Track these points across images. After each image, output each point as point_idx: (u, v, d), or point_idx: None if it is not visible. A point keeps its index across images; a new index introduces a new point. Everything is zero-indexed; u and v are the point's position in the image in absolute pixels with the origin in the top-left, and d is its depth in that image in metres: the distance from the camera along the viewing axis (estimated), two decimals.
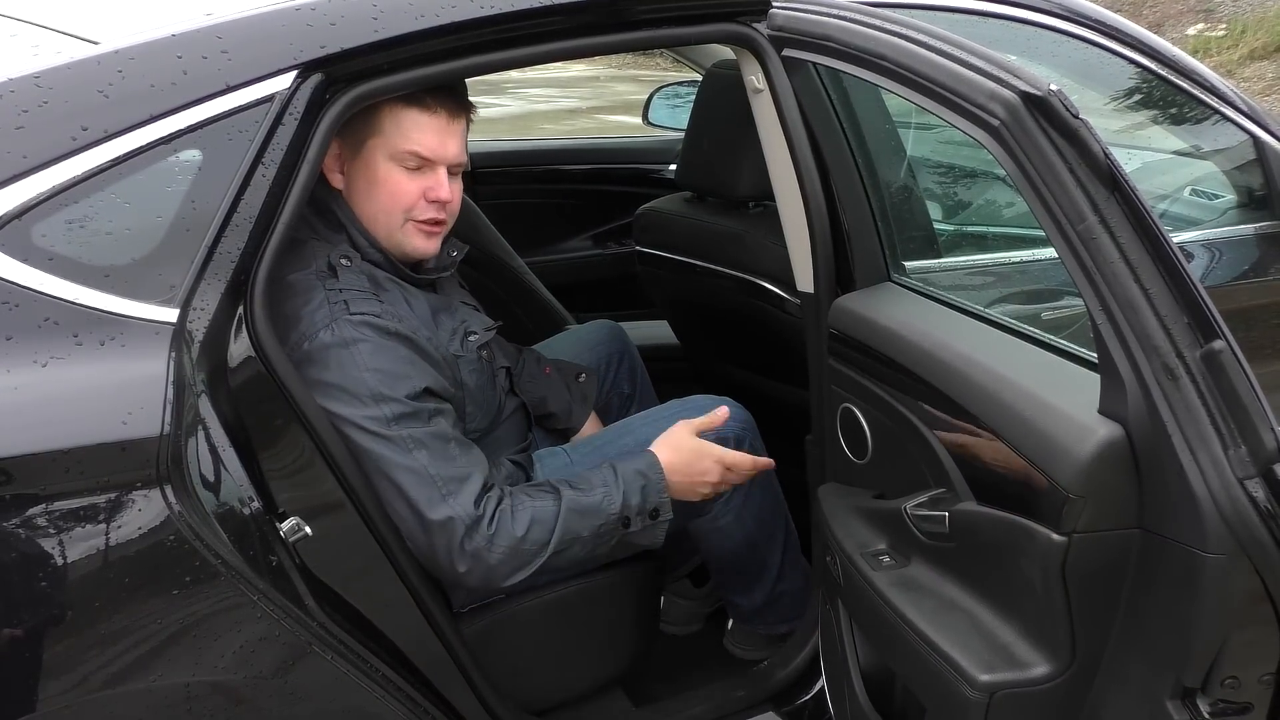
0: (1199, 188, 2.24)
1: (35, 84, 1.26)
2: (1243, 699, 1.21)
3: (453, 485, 1.52)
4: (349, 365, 1.49)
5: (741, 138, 1.93)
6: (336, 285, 1.54)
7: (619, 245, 3.21)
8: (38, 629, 1.19)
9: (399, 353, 1.54)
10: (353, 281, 1.56)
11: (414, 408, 1.52)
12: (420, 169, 1.61)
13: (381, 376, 1.50)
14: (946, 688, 1.34)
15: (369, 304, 1.54)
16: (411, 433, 1.51)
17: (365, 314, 1.52)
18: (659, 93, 3.35)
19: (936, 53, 1.24)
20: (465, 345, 1.69)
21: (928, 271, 1.73)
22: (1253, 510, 1.09)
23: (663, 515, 1.65)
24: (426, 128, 1.60)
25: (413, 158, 1.60)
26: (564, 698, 1.85)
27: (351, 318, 1.51)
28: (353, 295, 1.54)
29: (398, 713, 1.43)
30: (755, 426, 1.87)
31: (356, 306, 1.52)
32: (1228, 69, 7.37)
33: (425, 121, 1.59)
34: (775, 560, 1.94)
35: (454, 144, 1.63)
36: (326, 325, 1.50)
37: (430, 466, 1.51)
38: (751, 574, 1.93)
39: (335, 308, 1.51)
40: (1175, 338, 1.13)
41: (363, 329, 1.51)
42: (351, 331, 1.50)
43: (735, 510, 1.85)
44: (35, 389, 1.18)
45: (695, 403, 1.84)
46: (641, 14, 1.59)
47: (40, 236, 1.22)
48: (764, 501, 1.89)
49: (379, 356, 1.51)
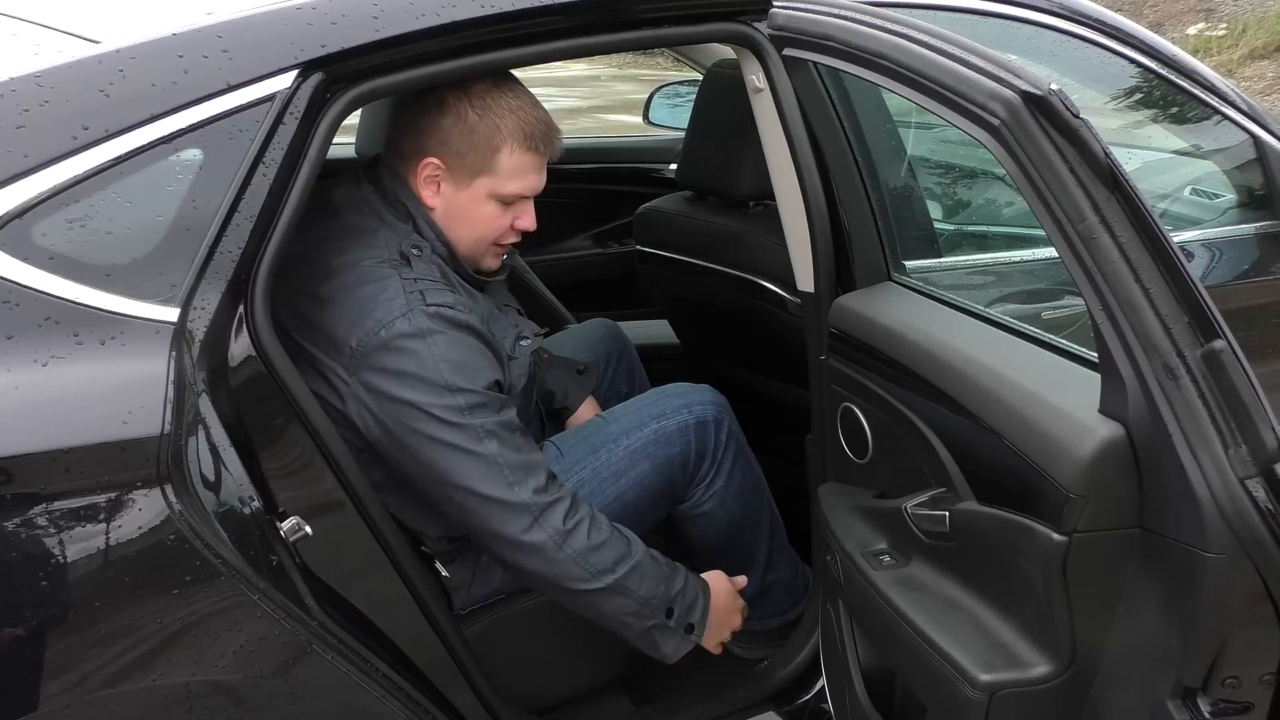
0: (1199, 187, 2.23)
1: (36, 83, 1.26)
2: (1243, 699, 1.21)
3: (519, 474, 1.55)
4: (425, 356, 1.51)
5: (742, 137, 1.93)
6: (412, 275, 1.56)
7: (619, 244, 3.21)
8: (38, 629, 1.19)
9: (471, 345, 1.56)
10: (426, 271, 1.58)
11: (487, 398, 1.55)
12: (513, 203, 1.66)
13: (456, 367, 1.52)
14: (947, 687, 1.34)
15: (444, 295, 1.56)
16: (484, 422, 1.53)
17: (440, 305, 1.55)
18: (659, 92, 3.35)
19: (937, 52, 1.24)
20: (517, 348, 1.72)
21: (928, 271, 1.73)
22: (1253, 510, 1.09)
23: (695, 635, 1.70)
24: (533, 170, 1.65)
25: (516, 198, 1.65)
26: (564, 697, 1.85)
27: (428, 308, 1.53)
28: (428, 285, 1.56)
29: (398, 712, 1.43)
30: (731, 409, 1.90)
31: (432, 297, 1.55)
32: (1228, 69, 7.37)
33: (534, 164, 1.65)
34: (762, 549, 1.95)
35: (544, 175, 1.69)
36: (404, 314, 1.52)
37: (500, 455, 1.53)
38: (740, 563, 1.94)
39: (411, 297, 1.53)
40: (1176, 337, 1.13)
41: (437, 320, 1.53)
42: (427, 322, 1.52)
43: (717, 494, 1.87)
44: (36, 388, 1.18)
45: (673, 389, 1.89)
46: (642, 13, 1.59)
47: (41, 236, 1.22)
48: (745, 485, 1.90)
49: (455, 348, 1.53)
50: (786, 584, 2.00)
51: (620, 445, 1.80)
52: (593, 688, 1.88)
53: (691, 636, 1.70)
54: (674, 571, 1.69)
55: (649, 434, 1.81)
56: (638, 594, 1.62)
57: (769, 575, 1.97)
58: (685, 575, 1.71)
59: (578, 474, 1.78)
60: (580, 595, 1.60)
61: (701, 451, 1.84)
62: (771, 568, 1.97)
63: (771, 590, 1.98)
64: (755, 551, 1.95)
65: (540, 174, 1.67)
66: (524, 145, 1.62)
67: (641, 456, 1.80)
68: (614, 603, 1.62)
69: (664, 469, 1.82)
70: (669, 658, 1.69)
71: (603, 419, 1.88)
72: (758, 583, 1.96)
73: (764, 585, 1.97)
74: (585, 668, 1.84)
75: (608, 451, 1.80)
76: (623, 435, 1.81)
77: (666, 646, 1.69)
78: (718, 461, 1.86)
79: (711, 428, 1.84)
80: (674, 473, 1.83)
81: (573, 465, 1.79)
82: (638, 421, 1.83)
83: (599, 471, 1.79)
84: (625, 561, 1.61)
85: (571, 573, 1.58)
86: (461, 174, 1.62)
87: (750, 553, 1.95)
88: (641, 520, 1.83)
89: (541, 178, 1.68)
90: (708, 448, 1.84)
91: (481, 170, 1.62)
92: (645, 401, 1.90)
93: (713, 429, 1.84)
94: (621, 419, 1.85)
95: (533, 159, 1.64)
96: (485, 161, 1.61)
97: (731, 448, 1.87)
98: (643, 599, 1.63)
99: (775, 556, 1.97)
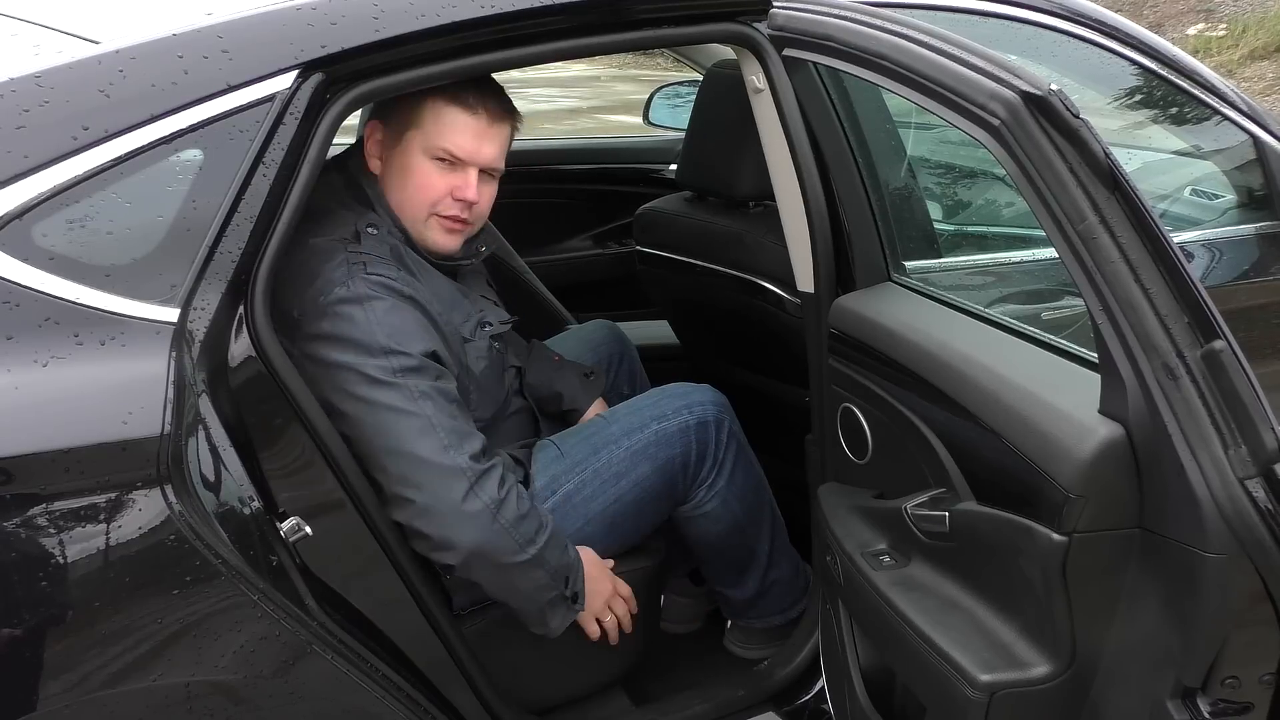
0: (1199, 188, 2.23)
1: (36, 84, 1.26)
2: (1243, 699, 1.21)
3: (454, 438, 1.54)
4: (361, 320, 1.52)
5: (742, 137, 1.93)
6: (358, 249, 1.58)
7: (619, 245, 3.21)
8: (38, 629, 1.19)
9: (411, 315, 1.57)
10: (374, 248, 1.60)
11: (422, 363, 1.56)
12: (453, 167, 1.65)
13: (392, 332, 1.53)
14: (947, 687, 1.34)
15: (386, 267, 1.58)
16: (419, 384, 1.54)
17: (381, 275, 1.56)
18: (659, 92, 3.35)
19: (937, 52, 1.24)
20: (477, 333, 1.72)
21: (928, 271, 1.73)
22: (1253, 510, 1.09)
23: (578, 604, 1.69)
24: (465, 128, 1.64)
25: (446, 154, 1.64)
26: (564, 697, 1.85)
27: (368, 276, 1.55)
28: (372, 259, 1.58)
29: (398, 713, 1.43)
30: (732, 409, 1.89)
31: (374, 268, 1.56)
32: (1228, 69, 7.37)
33: (464, 122, 1.64)
34: (764, 548, 1.95)
35: (490, 148, 1.67)
36: (343, 282, 1.53)
37: (435, 418, 1.53)
38: (742, 562, 1.94)
39: (354, 267, 1.55)
40: (1175, 337, 1.13)
41: (377, 288, 1.55)
42: (366, 289, 1.54)
43: (719, 494, 1.86)
44: (36, 389, 1.18)
45: (673, 390, 1.89)
46: (642, 14, 1.59)
47: (41, 236, 1.22)
48: (746, 484, 1.89)
49: (392, 315, 1.54)
50: (788, 583, 1.99)
51: (621, 446, 1.80)
52: (592, 688, 1.88)
53: (576, 606, 1.68)
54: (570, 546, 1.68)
55: (650, 435, 1.81)
56: (551, 564, 1.61)
57: (770, 574, 1.97)
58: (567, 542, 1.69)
59: (578, 475, 1.77)
60: (506, 570, 1.58)
61: (703, 452, 1.83)
62: (773, 566, 1.97)
63: (773, 589, 1.98)
64: (756, 551, 1.95)
65: (479, 139, 1.65)
66: (448, 99, 1.61)
67: (642, 458, 1.80)
68: (532, 575, 1.60)
69: (665, 470, 1.81)
70: (554, 631, 1.67)
71: (604, 419, 1.88)
72: (760, 581, 1.96)
73: (765, 584, 1.97)
74: (585, 668, 1.84)
75: (609, 452, 1.79)
76: (623, 436, 1.81)
77: (555, 619, 1.67)
78: (719, 462, 1.85)
79: (712, 428, 1.84)
80: (675, 473, 1.82)
81: (573, 466, 1.78)
82: (638, 422, 1.82)
83: (600, 473, 1.78)
84: (544, 530, 1.61)
85: (504, 544, 1.56)
86: (394, 131, 1.64)
87: (751, 552, 1.94)
88: (642, 520, 1.83)
89: (483, 144, 1.66)
90: (709, 448, 1.84)
91: (410, 125, 1.63)
92: (646, 402, 1.89)
93: (713, 429, 1.84)
94: (622, 419, 1.85)
95: (463, 116, 1.63)
96: (411, 115, 1.62)
97: (732, 447, 1.87)
98: (554, 569, 1.62)
99: (776, 555, 1.97)
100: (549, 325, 2.42)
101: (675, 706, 1.85)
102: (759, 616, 2.01)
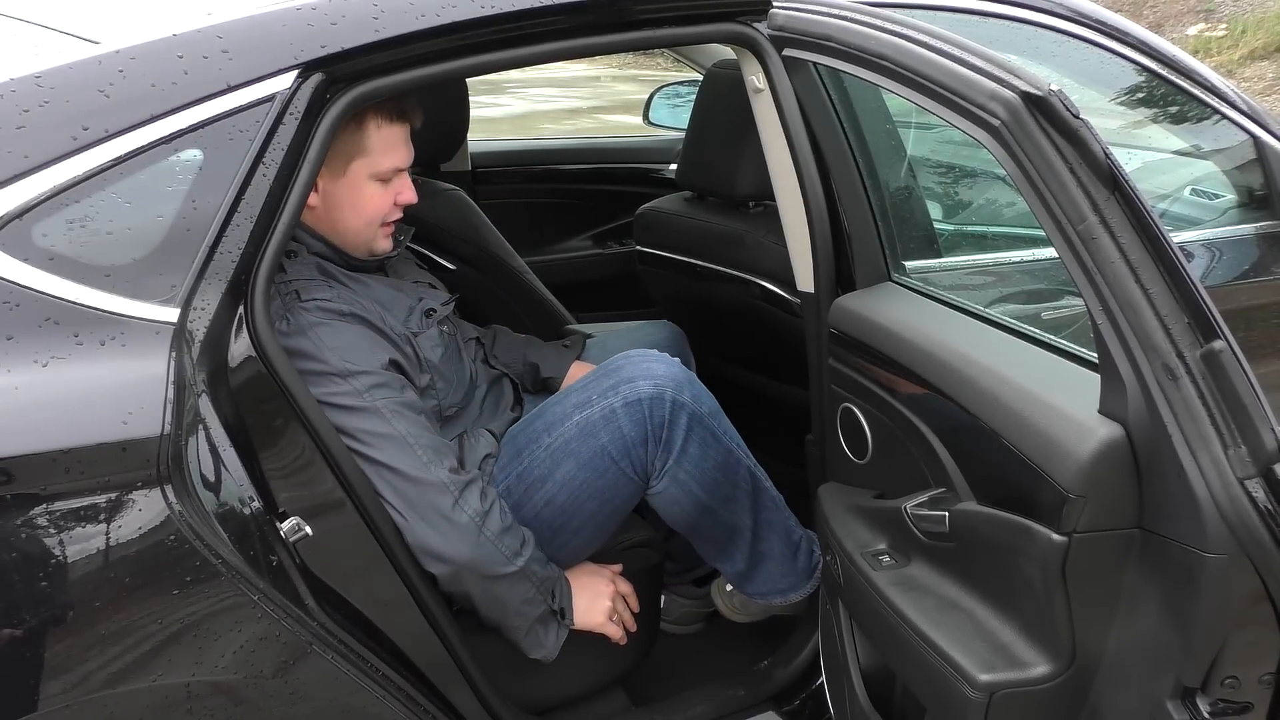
0: (1199, 187, 2.23)
1: (36, 84, 1.26)
2: (1243, 699, 1.21)
3: (432, 454, 1.55)
4: (311, 350, 1.52)
5: (742, 138, 1.93)
6: (285, 278, 1.57)
7: (619, 245, 3.21)
8: (38, 629, 1.19)
9: (357, 331, 1.58)
10: (300, 271, 1.60)
11: (385, 377, 1.56)
12: (391, 179, 1.68)
13: (345, 353, 1.54)
14: (946, 687, 1.34)
15: (319, 289, 1.58)
16: (388, 401, 1.54)
17: (316, 299, 1.56)
18: (659, 92, 3.35)
19: (937, 53, 1.24)
20: (424, 322, 1.72)
21: (928, 271, 1.73)
22: (1253, 510, 1.09)
23: (568, 619, 1.69)
24: (400, 140, 1.67)
25: (393, 173, 1.66)
26: (564, 698, 1.85)
27: (304, 305, 1.55)
28: (302, 284, 1.58)
29: (398, 713, 1.43)
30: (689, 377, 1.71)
31: (307, 293, 1.56)
32: (1228, 69, 7.38)
33: (400, 135, 1.66)
34: (745, 522, 1.80)
35: (411, 147, 1.70)
36: (281, 317, 1.52)
37: (409, 434, 1.54)
38: (721, 539, 1.82)
39: (287, 299, 1.55)
40: (1175, 338, 1.13)
41: (316, 313, 1.55)
42: (306, 318, 1.54)
43: (669, 475, 1.69)
44: (36, 389, 1.18)
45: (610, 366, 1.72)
46: (642, 14, 1.59)
47: (41, 236, 1.22)
48: (706, 461, 1.71)
49: (338, 336, 1.55)
50: (781, 558, 1.86)
51: (541, 445, 1.69)
52: (592, 688, 1.88)
53: (566, 621, 1.67)
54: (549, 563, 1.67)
55: (571, 428, 1.68)
56: (537, 576, 1.61)
57: (757, 546, 1.83)
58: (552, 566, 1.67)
59: (504, 480, 1.71)
60: (495, 582, 1.57)
61: (641, 434, 1.65)
62: (759, 539, 1.83)
63: (764, 563, 1.85)
64: (737, 526, 1.80)
65: (408, 145, 1.68)
66: (389, 117, 1.63)
67: (563, 455, 1.67)
68: (519, 588, 1.59)
69: (596, 462, 1.66)
70: (551, 652, 1.67)
71: (538, 411, 1.76)
72: (747, 555, 1.84)
73: (754, 557, 1.84)
74: (585, 667, 1.84)
75: (530, 454, 1.70)
76: (544, 432, 1.70)
77: (549, 637, 1.66)
78: (663, 441, 1.66)
79: (646, 405, 1.64)
80: (611, 463, 1.66)
81: (499, 473, 1.71)
82: (560, 414, 1.70)
83: (523, 477, 1.70)
84: (528, 544, 1.60)
85: (492, 556, 1.55)
86: (336, 163, 1.62)
87: (731, 528, 1.80)
88: (600, 518, 1.72)
89: (411, 148, 1.69)
90: (647, 429, 1.65)
91: (354, 154, 1.63)
92: (576, 386, 1.74)
93: (648, 407, 1.65)
94: (549, 411, 1.73)
95: (399, 129, 1.65)
96: (353, 143, 1.62)
97: (682, 422, 1.67)
98: (539, 581, 1.62)
99: (763, 529, 1.82)
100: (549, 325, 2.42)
101: (675, 707, 1.85)
102: (757, 593, 1.90)
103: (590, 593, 1.73)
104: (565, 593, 1.70)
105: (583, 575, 1.75)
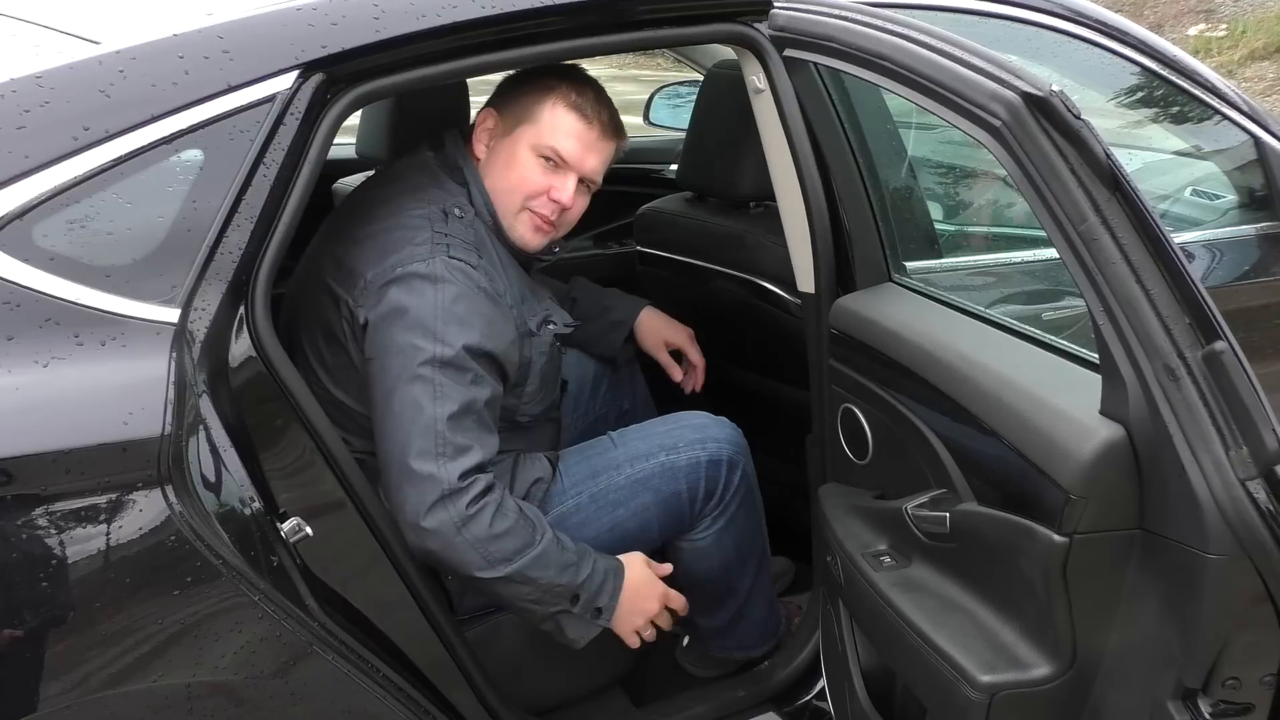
0: (1200, 188, 2.24)
1: (37, 84, 1.26)
2: (1244, 700, 1.21)
3: (451, 450, 1.52)
4: (429, 297, 1.54)
5: (742, 138, 1.93)
6: (445, 229, 1.60)
7: (619, 245, 3.20)
8: (38, 629, 1.19)
9: (479, 306, 1.58)
10: (460, 231, 1.62)
11: (465, 363, 1.55)
12: (556, 168, 1.69)
13: (451, 320, 1.54)
14: (947, 688, 1.34)
15: (469, 253, 1.60)
16: (448, 383, 1.53)
17: (463, 260, 1.58)
18: (660, 93, 3.35)
19: (938, 53, 1.25)
20: (542, 329, 1.74)
21: (928, 272, 1.73)
22: (1254, 511, 1.09)
23: (603, 618, 1.65)
24: (576, 134, 1.69)
25: (554, 155, 1.68)
26: (564, 698, 1.85)
27: (450, 259, 1.57)
28: (457, 242, 1.60)
29: (398, 713, 1.43)
30: (748, 449, 1.86)
31: (456, 251, 1.59)
32: (1228, 69, 7.37)
33: (578, 128, 1.69)
34: (744, 586, 1.91)
35: (594, 159, 1.72)
36: (425, 259, 1.56)
37: (441, 422, 1.52)
38: (718, 597, 1.90)
39: (437, 246, 1.57)
40: (1176, 338, 1.13)
41: (455, 272, 1.56)
42: (444, 270, 1.56)
43: (716, 533, 1.83)
44: (36, 389, 1.17)
45: (690, 420, 1.86)
46: (642, 14, 1.59)
47: (42, 236, 1.21)
48: (746, 527, 1.87)
49: (459, 303, 1.55)
50: (759, 622, 1.96)
51: (622, 473, 1.77)
52: (593, 688, 1.88)
53: (599, 620, 1.65)
54: (581, 558, 1.62)
55: (654, 466, 1.78)
56: (539, 582, 1.58)
57: (744, 610, 1.93)
58: (594, 560, 1.64)
59: (574, 498, 1.75)
60: (478, 581, 1.56)
61: (710, 490, 1.80)
62: (749, 603, 1.92)
63: (741, 625, 1.94)
64: (737, 588, 1.91)
65: (587, 150, 1.70)
66: (567, 104, 1.68)
67: (644, 488, 1.77)
68: (513, 590, 1.58)
69: (669, 502, 1.78)
70: (575, 643, 1.65)
71: (610, 440, 1.84)
72: (731, 615, 1.92)
73: (735, 619, 1.93)
74: (586, 668, 1.84)
75: (608, 478, 1.76)
76: (626, 463, 1.78)
77: (572, 631, 1.64)
78: (724, 502, 1.82)
79: (724, 468, 1.80)
80: (679, 508, 1.79)
81: (569, 489, 1.76)
82: (645, 450, 1.79)
83: (597, 498, 1.76)
84: (526, 551, 1.55)
85: (468, 558, 1.53)
86: (509, 120, 1.70)
87: (732, 589, 1.90)
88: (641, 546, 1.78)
89: (588, 154, 1.70)
90: (717, 487, 1.80)
91: (524, 118, 1.68)
92: (659, 429, 1.85)
93: (724, 469, 1.80)
94: (630, 444, 1.81)
95: (578, 124, 1.68)
96: (529, 109, 1.68)
97: (741, 490, 1.83)
98: (544, 587, 1.58)
99: (756, 595, 1.93)
100: None
101: (675, 707, 1.85)
102: (720, 647, 1.97)
103: (635, 608, 1.69)
104: (613, 590, 1.66)
105: (640, 585, 1.70)
